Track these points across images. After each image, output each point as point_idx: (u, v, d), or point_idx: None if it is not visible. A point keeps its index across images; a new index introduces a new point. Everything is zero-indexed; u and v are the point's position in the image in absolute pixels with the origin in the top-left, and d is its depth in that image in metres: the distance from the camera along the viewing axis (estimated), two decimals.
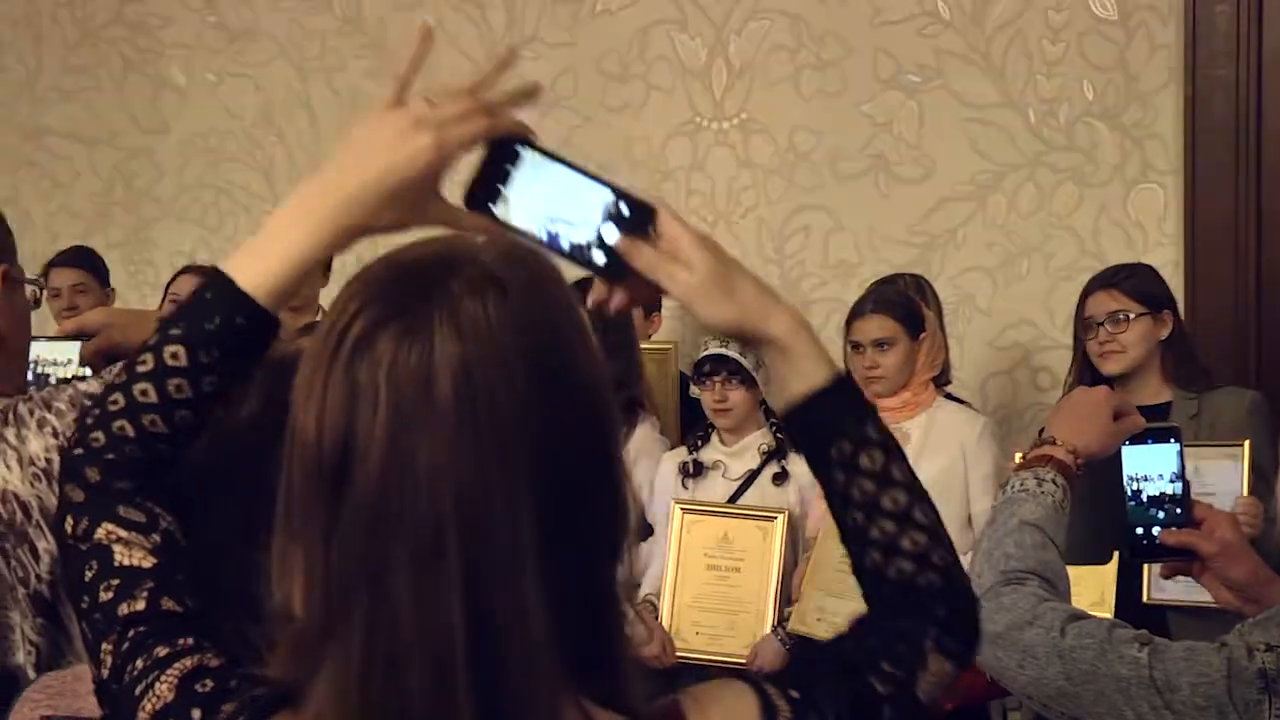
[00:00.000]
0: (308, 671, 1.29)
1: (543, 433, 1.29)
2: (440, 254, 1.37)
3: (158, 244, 6.61)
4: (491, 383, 1.27)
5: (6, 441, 1.97)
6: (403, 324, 1.28)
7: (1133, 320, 4.28)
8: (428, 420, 1.25)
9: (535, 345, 1.31)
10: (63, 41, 6.75)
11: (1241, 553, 2.50)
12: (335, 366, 1.29)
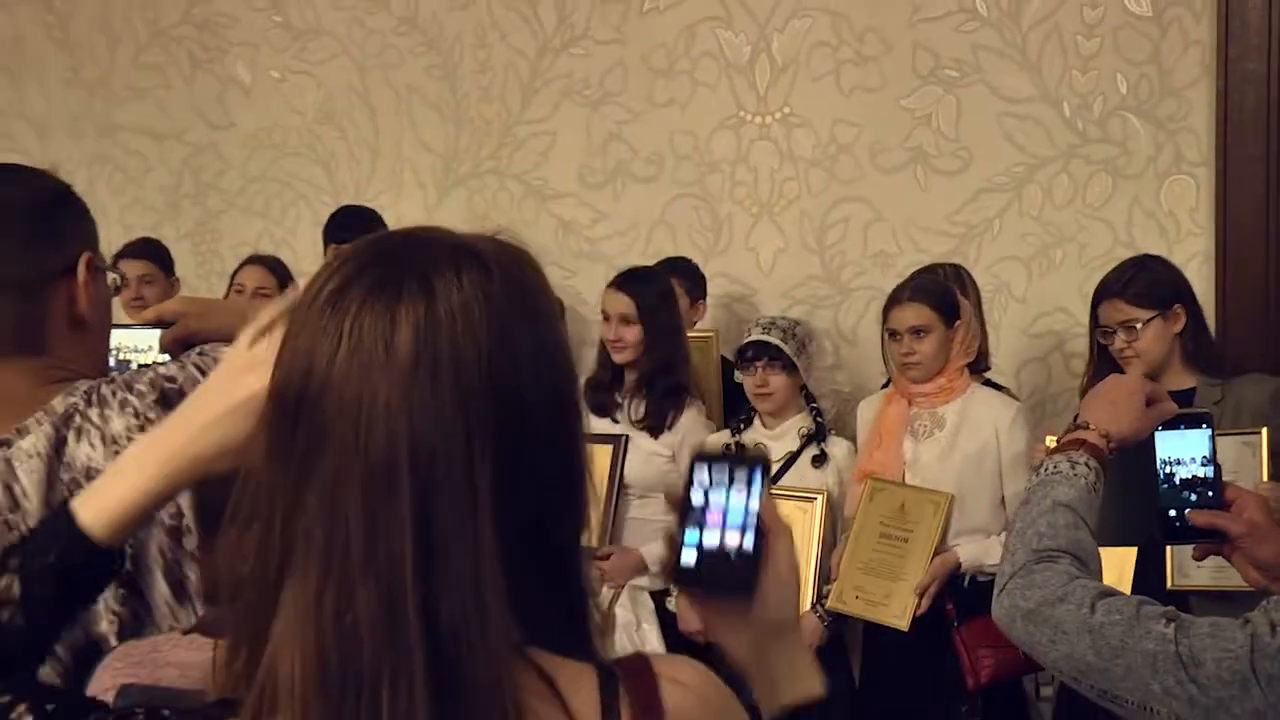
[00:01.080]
0: (266, 615, 1.32)
1: (502, 392, 1.33)
2: (427, 230, 1.44)
3: (224, 235, 6.65)
4: (455, 338, 1.32)
5: (91, 421, 1.99)
6: (374, 278, 1.34)
7: (1143, 327, 4.26)
8: (386, 366, 1.30)
9: (505, 314, 1.36)
10: (134, 42, 6.78)
11: (1270, 533, 2.49)
12: (309, 314, 1.35)
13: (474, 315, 1.34)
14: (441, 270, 1.36)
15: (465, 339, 1.32)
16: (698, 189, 5.89)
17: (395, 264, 1.37)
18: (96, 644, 1.92)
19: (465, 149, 6.28)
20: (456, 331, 1.32)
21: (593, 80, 6.03)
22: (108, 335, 2.20)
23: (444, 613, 1.29)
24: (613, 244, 6.00)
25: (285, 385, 1.34)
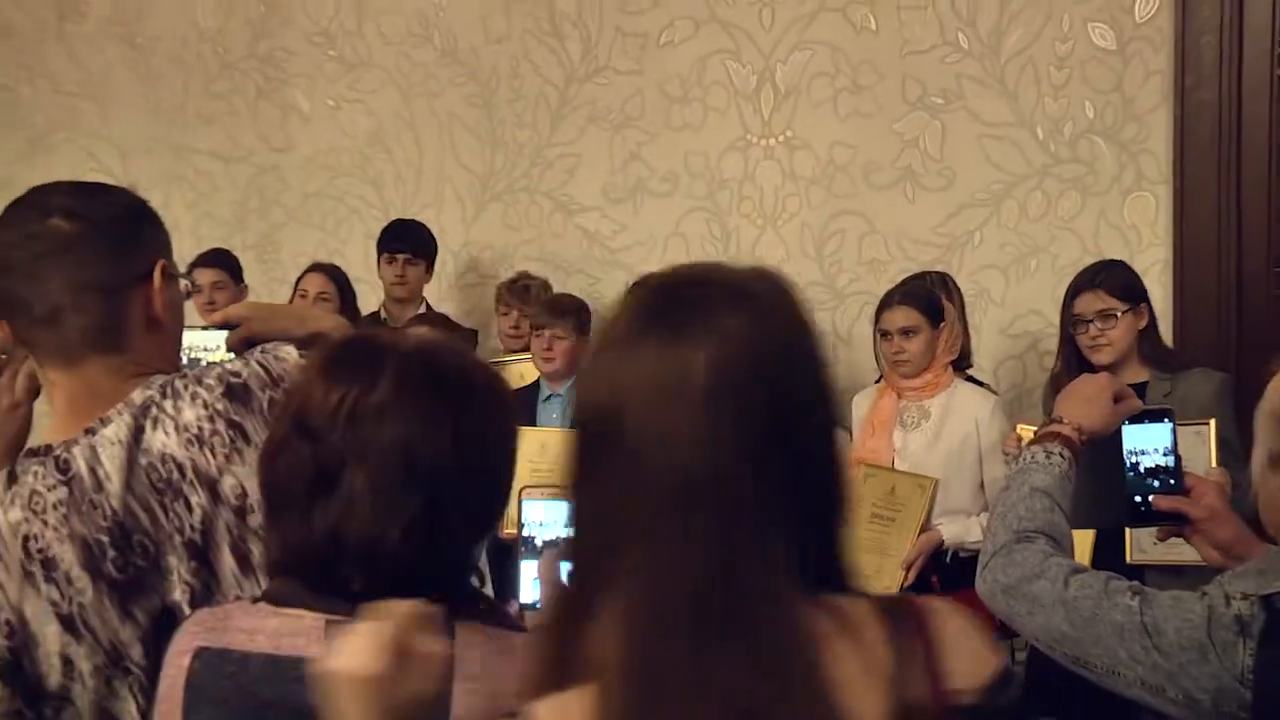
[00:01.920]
0: (580, 625, 1.37)
1: (782, 413, 1.38)
2: (704, 270, 1.48)
3: (285, 246, 6.66)
4: (742, 370, 1.36)
5: (165, 411, 1.99)
6: (666, 318, 1.39)
7: (1119, 317, 4.29)
8: (683, 397, 1.34)
9: (781, 345, 1.42)
10: (205, 73, 6.79)
11: (1227, 517, 2.52)
12: (608, 354, 1.42)
13: (758, 348, 1.39)
14: (725, 308, 1.40)
15: (751, 370, 1.37)
16: (708, 204, 5.89)
17: (683, 305, 1.41)
18: (171, 610, 1.93)
19: (500, 168, 6.28)
20: (743, 364, 1.37)
21: (614, 107, 6.03)
22: (180, 335, 2.21)
23: (746, 596, 1.35)
24: (632, 253, 6.00)
25: (591, 419, 1.41)
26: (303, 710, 1.59)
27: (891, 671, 1.40)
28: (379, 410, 1.62)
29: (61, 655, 1.93)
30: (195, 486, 1.97)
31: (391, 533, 1.61)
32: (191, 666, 1.66)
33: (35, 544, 1.93)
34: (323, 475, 1.62)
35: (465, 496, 1.67)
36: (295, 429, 1.65)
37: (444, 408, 1.66)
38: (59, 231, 2.04)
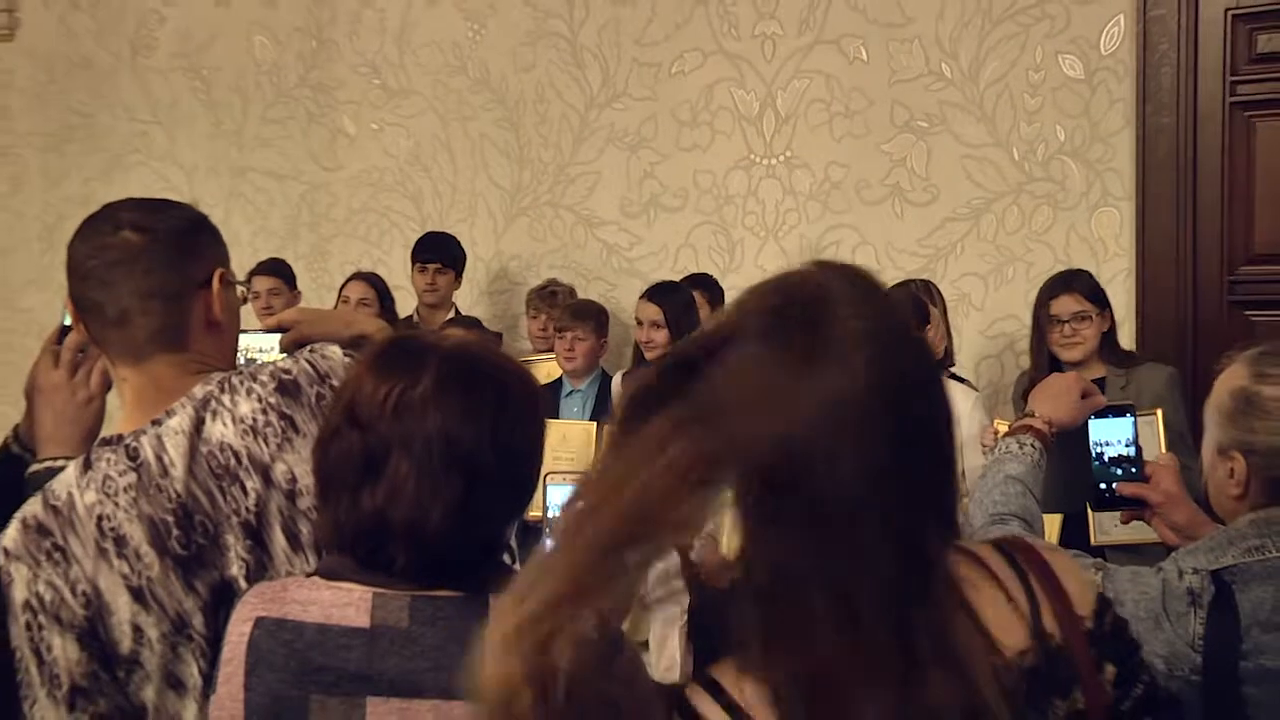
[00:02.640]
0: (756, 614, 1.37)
1: (918, 414, 1.38)
2: (818, 287, 1.41)
3: (333, 255, 6.67)
4: (884, 385, 1.34)
5: (224, 405, 2.00)
6: (813, 348, 1.34)
7: (1093, 319, 4.31)
8: (846, 428, 1.32)
9: (907, 360, 1.41)
10: (262, 100, 6.81)
11: (1182, 501, 2.54)
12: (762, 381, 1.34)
13: (900, 349, 1.39)
14: (850, 325, 1.37)
15: (891, 379, 1.35)
16: (716, 218, 5.89)
17: (815, 326, 1.37)
18: (229, 584, 1.94)
19: (527, 185, 6.29)
20: (882, 377, 1.34)
21: (631, 129, 6.03)
22: (237, 336, 2.21)
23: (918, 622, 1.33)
24: (647, 263, 6.01)
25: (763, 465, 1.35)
26: (352, 674, 1.62)
27: (1027, 606, 1.42)
28: (422, 403, 1.64)
29: (132, 623, 1.93)
30: (250, 472, 1.98)
31: (433, 514, 1.62)
32: (252, 634, 1.66)
33: (108, 523, 1.94)
34: (371, 461, 1.63)
35: (499, 481, 1.68)
36: (346, 419, 1.66)
37: (481, 401, 1.67)
38: (128, 243, 2.05)
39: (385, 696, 1.62)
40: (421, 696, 1.61)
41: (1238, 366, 2.29)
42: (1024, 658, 1.39)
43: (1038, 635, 1.40)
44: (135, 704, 1.96)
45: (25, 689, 1.97)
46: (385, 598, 1.65)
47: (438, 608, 1.65)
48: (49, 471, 2.23)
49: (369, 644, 1.63)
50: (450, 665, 1.60)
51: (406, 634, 1.63)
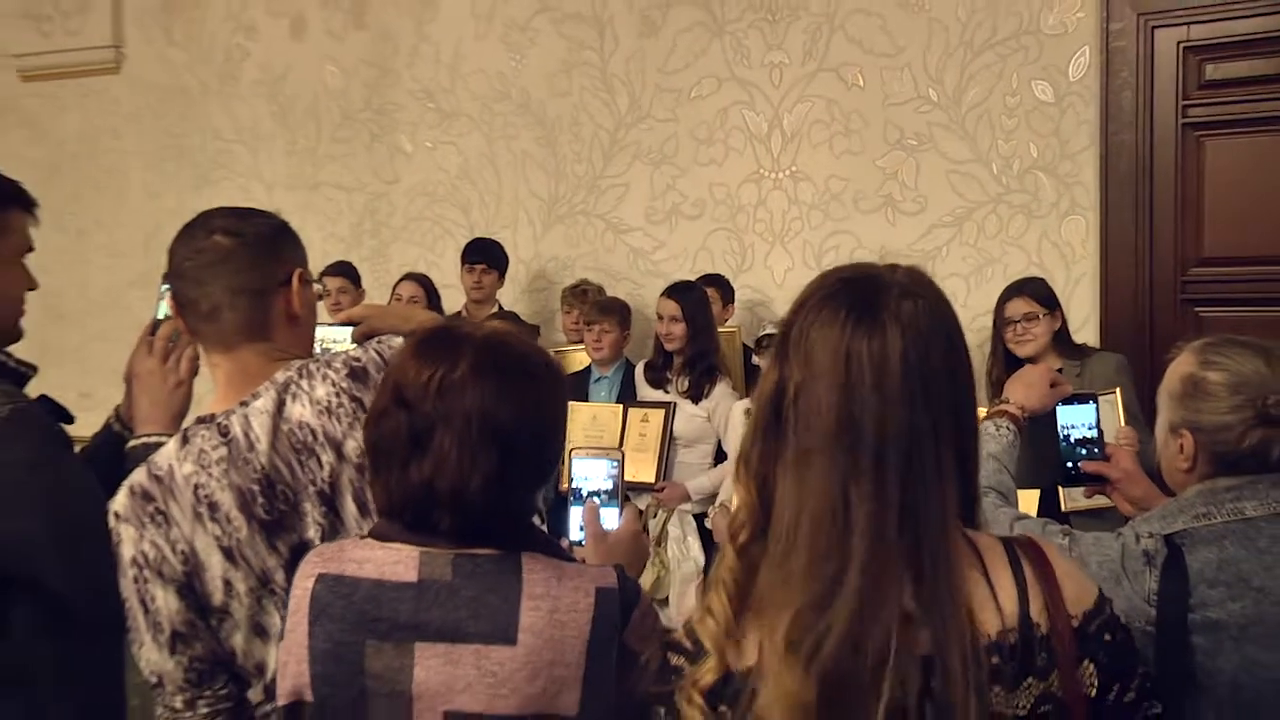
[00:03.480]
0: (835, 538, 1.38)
1: (949, 387, 1.42)
2: (873, 272, 1.49)
3: (393, 258, 6.67)
4: (923, 358, 1.40)
5: (302, 388, 2.01)
6: (864, 316, 1.40)
7: (1040, 319, 4.32)
8: (886, 380, 1.38)
9: (942, 333, 1.45)
10: (332, 122, 6.82)
11: (1138, 477, 2.57)
12: (824, 341, 1.41)
13: (931, 338, 1.43)
14: (902, 306, 1.43)
15: (929, 355, 1.41)
16: (729, 225, 5.89)
17: (865, 297, 1.43)
18: (306, 545, 1.95)
19: (563, 196, 6.29)
20: (922, 351, 1.40)
21: (654, 147, 6.03)
22: (314, 328, 2.22)
23: (925, 549, 1.38)
24: (668, 265, 6.01)
25: (784, 391, 1.42)
26: (402, 623, 1.63)
27: (1016, 595, 1.44)
28: (461, 384, 1.64)
29: (223, 579, 1.95)
30: (325, 448, 1.99)
31: (474, 482, 1.63)
32: (314, 589, 1.68)
33: (203, 491, 1.96)
34: (417, 437, 1.64)
35: (529, 453, 1.69)
36: (394, 400, 1.67)
37: (512, 382, 1.67)
38: (219, 246, 2.06)
39: (432, 642, 1.62)
40: (464, 641, 1.61)
41: (1186, 355, 2.30)
42: (1003, 637, 1.41)
43: (1022, 621, 1.43)
44: (225, 649, 1.98)
45: (133, 633, 1.99)
46: (431, 555, 1.66)
47: (477, 564, 1.65)
48: (145, 447, 2.25)
49: (417, 596, 1.64)
50: (488, 614, 1.62)
51: (450, 587, 1.64)
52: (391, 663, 1.62)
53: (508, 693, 1.58)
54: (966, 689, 1.35)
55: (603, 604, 1.64)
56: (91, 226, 7.51)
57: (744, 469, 1.48)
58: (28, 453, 2.13)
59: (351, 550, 1.70)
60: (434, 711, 1.61)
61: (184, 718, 2.00)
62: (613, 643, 1.64)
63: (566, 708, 1.60)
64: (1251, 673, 2.10)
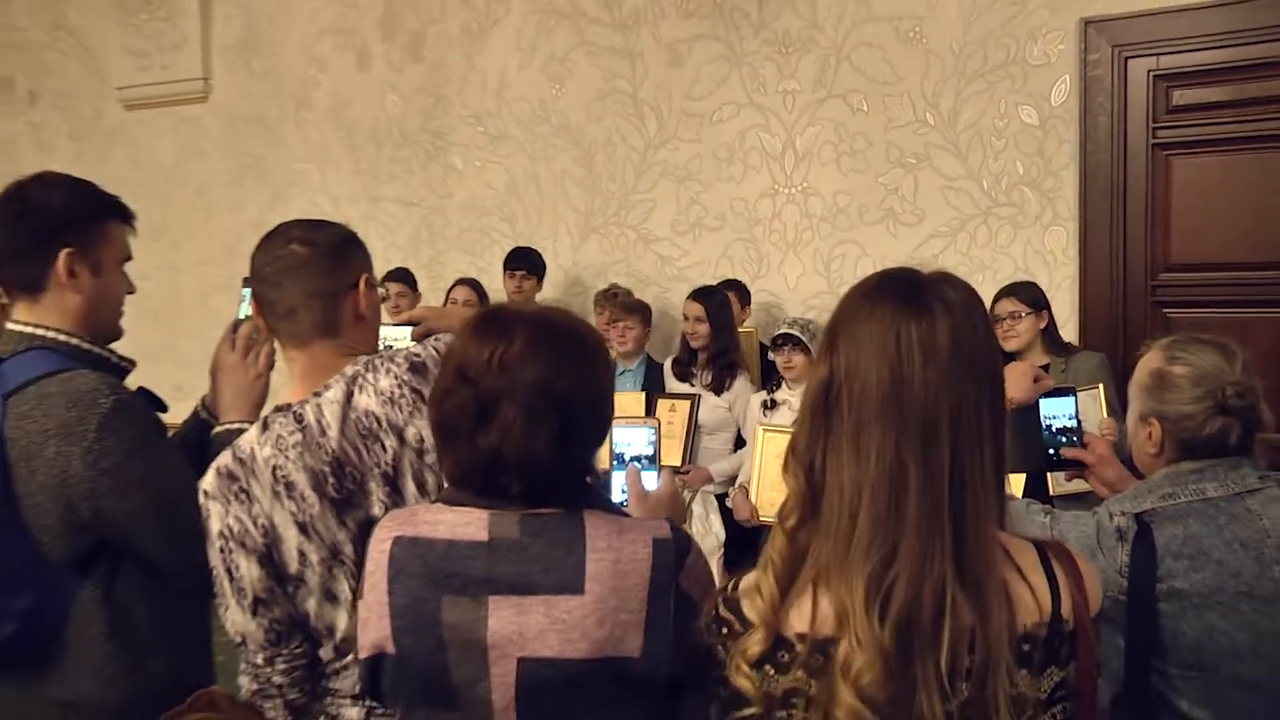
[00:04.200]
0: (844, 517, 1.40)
1: (987, 365, 1.41)
2: (910, 271, 1.48)
3: (446, 265, 6.69)
4: (970, 336, 1.40)
5: (368, 381, 2.02)
6: (914, 306, 1.41)
7: (1024, 317, 4.30)
8: (933, 359, 1.37)
9: (979, 319, 1.44)
10: (392, 143, 6.84)
11: (1112, 462, 2.58)
12: (872, 328, 1.41)
13: (973, 320, 1.43)
14: (942, 291, 1.43)
15: (970, 335, 1.41)
16: (747, 235, 5.89)
17: (910, 289, 1.43)
18: (372, 520, 1.95)
19: (598, 209, 6.30)
20: (964, 330, 1.40)
21: (680, 165, 6.04)
22: (378, 327, 2.22)
23: (968, 512, 1.38)
24: (693, 271, 6.01)
25: (879, 377, 1.39)
26: (476, 578, 1.62)
27: (1049, 594, 1.44)
28: (520, 359, 1.62)
29: (299, 550, 1.97)
30: (388, 434, 1.99)
31: (539, 447, 1.60)
32: (392, 550, 1.67)
33: (280, 472, 1.97)
34: (482, 410, 1.62)
35: (586, 418, 1.67)
36: (458, 378, 1.65)
37: (566, 354, 1.66)
38: (295, 254, 2.08)
39: (504, 595, 1.61)
40: (533, 594, 1.60)
41: (1154, 352, 2.31)
42: (1037, 629, 1.42)
43: (1054, 616, 1.43)
44: (300, 612, 2.00)
45: (220, 598, 2.02)
46: (499, 516, 1.64)
47: (543, 522, 1.64)
48: (229, 433, 2.28)
49: (488, 554, 1.62)
50: (555, 567, 1.60)
51: (518, 544, 1.62)
52: (467, 615, 1.61)
53: (577, 638, 1.57)
54: (999, 658, 1.37)
55: (659, 553, 1.62)
56: (182, 237, 7.56)
57: (793, 458, 1.47)
58: (130, 439, 2.15)
59: (424, 514, 1.69)
60: (508, 658, 1.60)
61: (264, 673, 2.02)
62: (670, 588, 1.61)
63: (630, 650, 1.58)
64: (1211, 636, 2.11)
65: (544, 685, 1.59)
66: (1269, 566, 2.11)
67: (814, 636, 1.40)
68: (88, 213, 2.30)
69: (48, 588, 2.16)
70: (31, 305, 2.27)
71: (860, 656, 1.35)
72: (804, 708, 1.40)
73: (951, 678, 1.35)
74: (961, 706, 1.35)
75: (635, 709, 1.62)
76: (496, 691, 1.60)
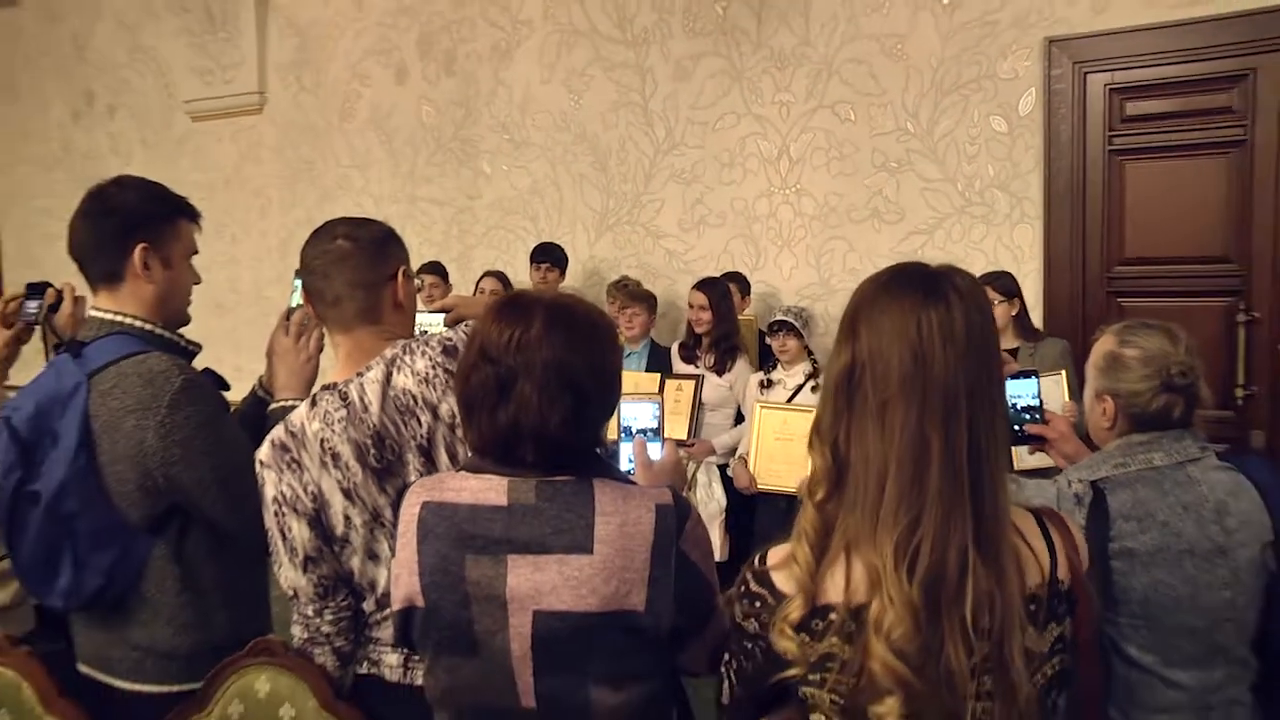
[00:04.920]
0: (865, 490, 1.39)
1: (993, 347, 1.41)
2: (920, 264, 1.46)
3: (475, 259, 6.70)
4: (981, 321, 1.39)
5: (405, 362, 2.02)
6: (932, 295, 1.39)
7: (997, 305, 4.30)
8: (952, 343, 1.36)
9: (985, 305, 1.42)
10: (427, 149, 6.85)
11: (1071, 438, 2.57)
12: (894, 315, 1.39)
13: (981, 306, 1.41)
14: (954, 281, 1.42)
15: (980, 320, 1.40)
16: (746, 232, 5.89)
17: (928, 280, 1.42)
18: (408, 486, 1.96)
19: (612, 209, 6.30)
20: (975, 315, 1.39)
21: (686, 169, 6.03)
22: (415, 315, 2.23)
23: (985, 483, 1.37)
24: (698, 264, 6.01)
25: (902, 360, 1.38)
26: (495, 538, 1.62)
27: (1048, 556, 1.44)
28: (537, 340, 1.62)
29: (344, 514, 1.98)
30: (424, 410, 1.99)
31: (553, 421, 1.60)
32: (420, 514, 1.67)
33: (327, 444, 1.98)
34: (502, 386, 1.62)
35: (597, 395, 1.66)
36: (481, 357, 1.65)
37: (579, 336, 1.65)
38: (341, 249, 2.08)
39: (521, 554, 1.61)
40: (548, 553, 1.60)
41: (1108, 336, 2.31)
42: (1040, 590, 1.42)
43: (1053, 577, 1.43)
44: (346, 569, 2.01)
45: (274, 556, 2.03)
46: (517, 482, 1.64)
47: (556, 488, 1.63)
48: (282, 409, 2.29)
49: (507, 517, 1.63)
50: (568, 529, 1.61)
51: (534, 508, 1.62)
52: (487, 571, 1.61)
53: (587, 593, 1.57)
54: (1013, 615, 1.37)
55: (662, 518, 1.62)
56: (241, 234, 7.58)
57: (817, 436, 1.46)
58: (197, 414, 2.16)
59: (449, 481, 1.69)
60: (525, 611, 1.60)
61: (314, 623, 2.04)
62: (671, 550, 1.61)
63: (635, 604, 1.59)
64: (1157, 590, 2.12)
65: (557, 635, 1.59)
66: (1207, 526, 2.12)
67: (848, 603, 1.39)
68: (160, 212, 2.32)
69: (127, 547, 2.19)
70: (111, 294, 2.29)
71: (891, 612, 1.34)
72: (838, 670, 1.40)
73: (975, 633, 1.35)
74: (983, 660, 1.35)
75: (639, 657, 1.63)
76: (514, 641, 1.61)
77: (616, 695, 1.61)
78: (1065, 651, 1.45)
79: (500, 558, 1.61)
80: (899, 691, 1.34)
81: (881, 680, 1.35)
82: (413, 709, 1.97)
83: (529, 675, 1.61)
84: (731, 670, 1.54)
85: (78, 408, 2.15)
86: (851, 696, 1.39)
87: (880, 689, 1.35)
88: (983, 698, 1.36)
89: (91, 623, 2.27)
